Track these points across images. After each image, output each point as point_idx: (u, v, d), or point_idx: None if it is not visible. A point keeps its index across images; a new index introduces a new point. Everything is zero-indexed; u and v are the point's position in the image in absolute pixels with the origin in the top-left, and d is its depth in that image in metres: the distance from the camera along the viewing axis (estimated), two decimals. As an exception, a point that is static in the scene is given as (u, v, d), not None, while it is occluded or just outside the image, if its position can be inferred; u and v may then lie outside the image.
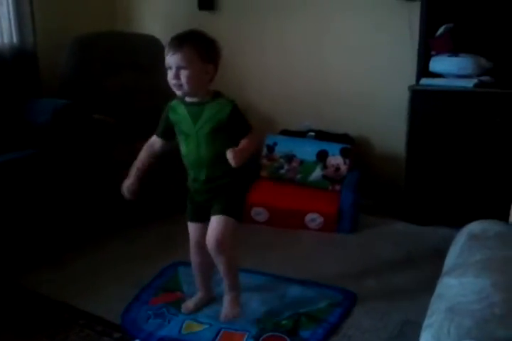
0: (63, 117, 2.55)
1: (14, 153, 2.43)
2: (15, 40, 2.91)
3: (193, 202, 1.82)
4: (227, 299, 1.84)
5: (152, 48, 3.28)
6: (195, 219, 1.82)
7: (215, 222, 1.71)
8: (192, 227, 1.83)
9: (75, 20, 3.25)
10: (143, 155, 1.81)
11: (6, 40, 2.89)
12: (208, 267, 1.86)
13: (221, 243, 1.69)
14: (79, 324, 1.84)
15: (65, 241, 2.51)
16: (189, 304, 1.90)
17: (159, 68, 3.28)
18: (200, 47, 1.63)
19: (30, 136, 2.56)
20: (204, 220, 1.78)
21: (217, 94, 1.71)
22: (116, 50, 3.14)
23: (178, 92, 1.66)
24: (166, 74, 1.71)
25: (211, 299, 1.93)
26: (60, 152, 2.51)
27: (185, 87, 1.62)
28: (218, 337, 1.72)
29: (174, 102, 1.76)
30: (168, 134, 1.77)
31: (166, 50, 1.64)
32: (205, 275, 1.91)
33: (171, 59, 1.62)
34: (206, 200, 1.77)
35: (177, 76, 1.62)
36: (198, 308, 1.88)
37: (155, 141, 1.81)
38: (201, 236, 1.77)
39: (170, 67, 1.64)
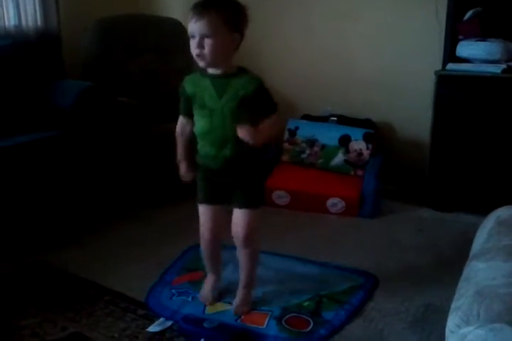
0: (87, 99, 2.57)
1: (38, 133, 2.45)
2: (39, 23, 2.93)
3: (209, 184, 1.69)
4: (240, 295, 1.80)
5: (174, 31, 3.28)
6: (210, 201, 1.70)
7: (243, 215, 1.66)
8: (206, 210, 1.71)
9: (98, 3, 3.24)
10: (180, 140, 1.72)
11: (30, 23, 2.91)
12: (219, 251, 1.81)
13: (250, 236, 1.68)
14: (104, 300, 1.87)
15: (84, 221, 2.56)
16: (205, 293, 1.84)
17: (181, 51, 3.34)
18: (227, 14, 1.49)
19: (54, 118, 2.58)
20: (221, 202, 1.70)
21: (242, 69, 1.60)
22: (139, 33, 3.14)
23: (201, 63, 1.54)
24: (187, 57, 1.66)
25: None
26: (83, 133, 2.53)
27: (209, 57, 1.50)
28: (241, 318, 1.74)
29: (192, 75, 1.64)
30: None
31: (190, 16, 1.51)
32: (217, 260, 1.85)
33: (194, 26, 1.49)
34: (225, 183, 1.67)
35: (200, 45, 1.49)
36: (216, 295, 1.84)
37: (184, 123, 1.70)
38: (216, 221, 1.71)
39: (193, 36, 1.51)
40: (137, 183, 2.72)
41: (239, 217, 1.68)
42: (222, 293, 1.87)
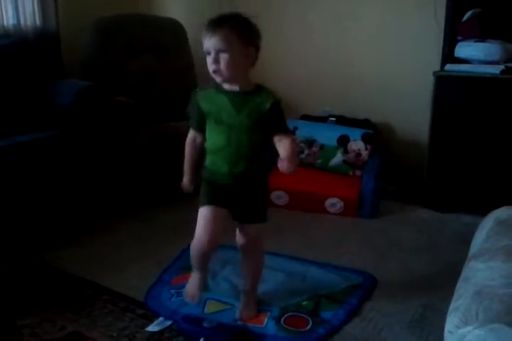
0: (86, 99, 2.57)
1: (37, 133, 2.45)
2: (38, 22, 2.92)
3: (216, 191, 1.65)
4: (245, 301, 1.78)
5: (173, 31, 3.29)
6: (216, 203, 1.64)
7: (248, 229, 1.69)
8: (210, 211, 1.63)
9: (96, 2, 3.24)
10: (189, 152, 1.70)
11: (29, 22, 2.90)
12: (210, 256, 1.71)
13: (255, 247, 1.73)
14: (102, 300, 1.87)
15: (83, 221, 2.56)
16: (192, 290, 1.76)
17: (180, 51, 3.34)
18: (240, 29, 1.52)
19: (53, 117, 2.58)
20: (225, 207, 1.64)
21: (259, 86, 1.60)
22: (137, 33, 3.14)
23: (218, 79, 1.54)
24: (186, 57, 1.67)
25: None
26: (82, 133, 2.53)
27: (225, 72, 1.51)
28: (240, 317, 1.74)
29: (208, 91, 1.63)
30: (205, 126, 1.64)
31: (204, 34, 1.52)
32: (209, 259, 1.73)
33: (209, 42, 1.51)
34: (233, 198, 1.64)
35: (216, 60, 1.50)
36: (202, 290, 1.78)
37: (195, 136, 1.68)
38: (219, 222, 1.63)
39: (208, 52, 1.52)
40: (136, 183, 2.72)
41: (244, 230, 1.70)
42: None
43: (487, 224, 1.56)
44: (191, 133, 1.70)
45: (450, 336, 1.11)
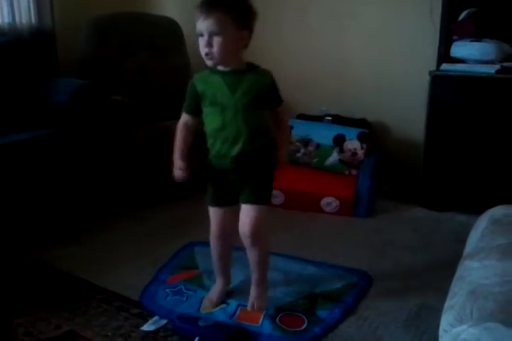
0: (82, 97, 2.56)
1: (33, 132, 2.44)
2: (33, 20, 2.91)
3: (218, 185, 1.69)
4: (254, 294, 1.78)
5: (170, 30, 3.28)
6: (220, 203, 1.70)
7: (248, 212, 1.64)
8: (216, 212, 1.71)
9: (93, 1, 3.23)
10: (180, 137, 1.67)
11: (24, 20, 2.89)
12: (229, 253, 1.80)
13: (257, 233, 1.65)
14: (97, 299, 1.87)
15: (80, 219, 2.56)
16: (211, 297, 1.80)
17: (176, 49, 3.33)
18: (235, 11, 1.48)
19: (49, 116, 2.57)
20: (231, 204, 1.69)
21: (251, 65, 1.60)
22: (134, 31, 3.14)
23: (209, 62, 1.53)
24: (182, 56, 1.63)
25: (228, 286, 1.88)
26: (78, 131, 2.52)
27: (218, 55, 1.49)
28: (236, 315, 1.74)
29: (202, 73, 1.62)
30: (199, 109, 1.63)
31: (197, 15, 1.48)
32: (228, 263, 1.83)
33: (202, 25, 1.47)
34: (234, 181, 1.66)
35: (209, 44, 1.48)
36: (222, 298, 1.81)
37: (187, 120, 1.67)
38: (227, 222, 1.69)
39: (201, 34, 1.49)
40: (132, 181, 2.71)
41: (246, 212, 1.65)
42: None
43: (482, 223, 1.57)
44: (183, 117, 1.69)
45: (445, 334, 1.11)
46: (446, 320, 1.14)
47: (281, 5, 3.21)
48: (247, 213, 1.65)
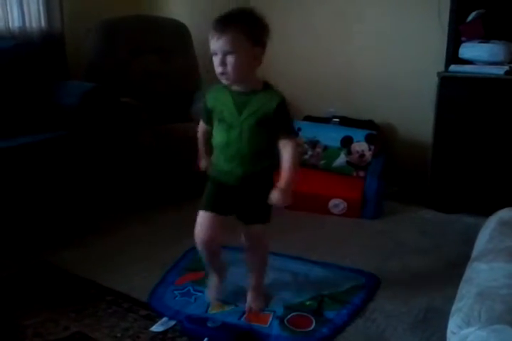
0: (91, 100, 2.58)
1: (43, 134, 2.47)
2: (43, 24, 2.94)
3: (217, 194, 1.67)
4: (252, 295, 1.79)
5: (177, 32, 3.30)
6: (213, 209, 1.65)
7: (254, 230, 1.69)
8: (205, 217, 1.66)
9: (101, 4, 3.26)
10: (201, 139, 1.76)
11: (34, 24, 2.92)
12: (218, 254, 1.76)
13: (262, 244, 1.74)
14: (106, 300, 1.88)
15: (87, 221, 2.57)
16: (212, 294, 1.83)
17: (184, 52, 3.35)
18: (249, 29, 1.48)
19: (59, 118, 2.60)
20: (223, 214, 1.65)
21: (266, 85, 1.58)
22: (142, 34, 3.16)
23: (225, 81, 1.53)
24: (190, 58, 1.65)
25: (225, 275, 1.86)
26: (87, 134, 2.54)
27: (232, 74, 1.49)
28: (244, 316, 1.75)
29: (216, 87, 1.63)
30: (212, 121, 1.66)
31: (211, 34, 1.49)
32: (217, 261, 1.80)
33: (216, 44, 1.47)
34: (236, 197, 1.65)
35: (223, 62, 1.47)
36: (221, 293, 1.83)
37: (205, 128, 1.72)
38: (213, 228, 1.65)
39: (215, 53, 1.49)
40: (140, 183, 2.73)
41: (252, 230, 1.69)
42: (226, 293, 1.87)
43: (490, 225, 1.56)
44: (201, 125, 1.75)
45: (453, 336, 1.11)
46: (454, 322, 1.14)
47: (287, 8, 3.22)
48: (248, 231, 1.70)
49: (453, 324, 1.14)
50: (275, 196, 1.51)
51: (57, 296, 1.91)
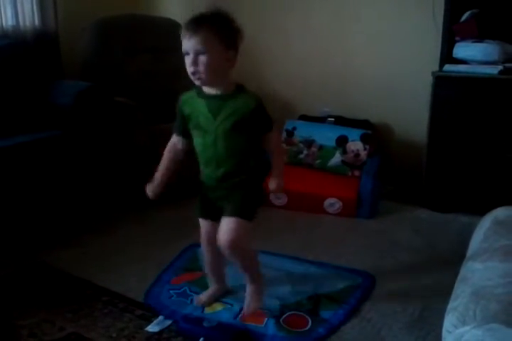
0: (86, 99, 2.58)
1: (37, 134, 2.46)
2: (37, 23, 2.93)
3: (205, 199, 1.71)
4: (249, 291, 1.78)
5: (172, 31, 3.24)
6: (205, 216, 1.72)
7: (227, 223, 1.59)
8: (202, 223, 1.74)
9: (96, 3, 3.25)
10: (166, 158, 1.70)
11: (28, 23, 2.92)
12: (219, 261, 1.79)
13: (234, 245, 1.59)
14: (102, 300, 1.87)
15: (82, 221, 2.56)
16: (201, 297, 1.83)
17: (179, 51, 3.33)
18: (221, 30, 1.47)
19: (53, 118, 2.59)
20: (215, 219, 1.67)
21: (240, 88, 1.57)
22: (137, 34, 3.15)
23: (197, 82, 1.51)
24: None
25: (226, 291, 1.87)
26: (82, 133, 2.54)
27: (204, 74, 1.47)
28: (240, 316, 1.75)
29: (188, 94, 1.62)
30: (187, 132, 1.64)
31: (182, 33, 1.48)
32: (218, 269, 1.83)
33: (188, 43, 1.46)
34: (219, 198, 1.66)
35: (195, 63, 1.46)
36: (211, 301, 1.82)
37: (177, 141, 1.69)
38: (211, 234, 1.68)
39: (187, 53, 1.48)
40: (135, 183, 2.71)
41: (224, 225, 1.60)
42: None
43: (485, 224, 1.57)
44: (173, 138, 1.71)
45: (448, 335, 1.12)
46: (449, 321, 1.15)
47: (283, 8, 3.21)
48: (225, 225, 1.60)
49: (448, 323, 1.14)
50: (272, 184, 1.58)
51: (53, 296, 1.91)
